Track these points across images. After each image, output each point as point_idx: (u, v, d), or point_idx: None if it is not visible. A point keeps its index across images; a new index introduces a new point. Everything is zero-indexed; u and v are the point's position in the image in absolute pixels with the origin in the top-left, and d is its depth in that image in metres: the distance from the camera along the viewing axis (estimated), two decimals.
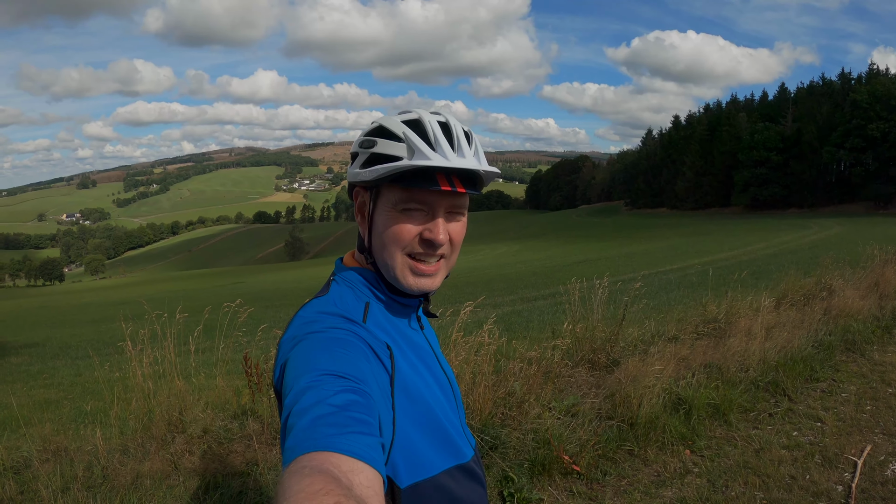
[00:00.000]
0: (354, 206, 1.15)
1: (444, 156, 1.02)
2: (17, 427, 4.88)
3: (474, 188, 1.09)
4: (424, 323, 1.27)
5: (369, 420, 0.81)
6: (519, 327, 8.76)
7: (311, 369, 0.87)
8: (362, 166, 1.08)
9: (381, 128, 1.08)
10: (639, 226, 66.72)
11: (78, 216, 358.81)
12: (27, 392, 7.69)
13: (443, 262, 1.12)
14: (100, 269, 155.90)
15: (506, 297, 14.35)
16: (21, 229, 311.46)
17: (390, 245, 1.07)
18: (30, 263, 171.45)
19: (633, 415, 3.87)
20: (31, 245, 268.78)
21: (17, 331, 20.26)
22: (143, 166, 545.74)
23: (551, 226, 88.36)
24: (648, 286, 12.52)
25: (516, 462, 3.61)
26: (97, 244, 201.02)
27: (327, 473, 0.67)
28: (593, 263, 24.29)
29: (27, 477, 3.94)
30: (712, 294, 7.08)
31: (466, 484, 1.13)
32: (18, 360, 11.77)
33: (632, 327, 5.95)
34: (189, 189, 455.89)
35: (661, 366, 4.32)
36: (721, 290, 7.13)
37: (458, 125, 1.09)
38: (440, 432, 1.09)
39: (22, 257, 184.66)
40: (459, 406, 1.24)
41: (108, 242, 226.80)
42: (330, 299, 1.10)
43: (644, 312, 7.05)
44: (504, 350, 4.88)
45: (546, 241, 62.56)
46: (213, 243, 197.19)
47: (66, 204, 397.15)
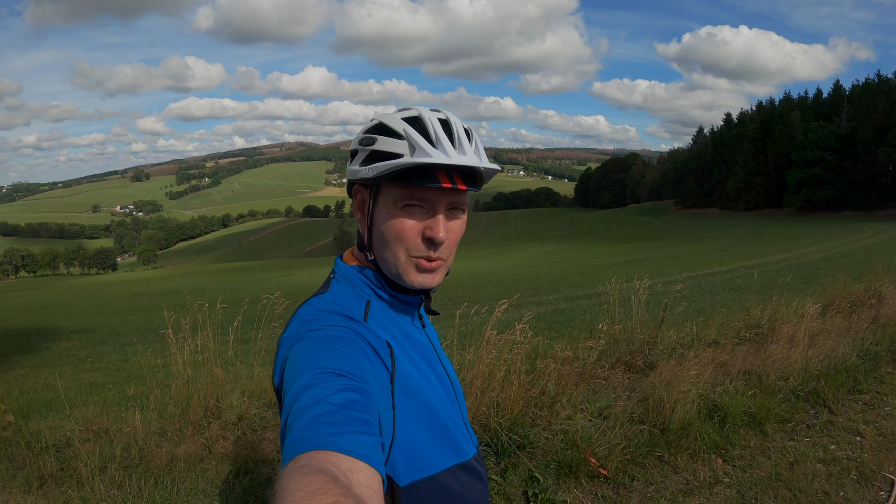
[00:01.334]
0: (354, 204, 1.15)
1: (445, 153, 1.01)
2: (61, 408, 5.09)
3: (474, 185, 1.08)
4: (426, 321, 1.26)
5: (369, 419, 0.81)
6: (560, 326, 8.71)
7: (311, 367, 0.87)
8: (362, 163, 1.07)
9: (381, 125, 1.08)
10: (688, 226, 65.23)
11: (131, 208, 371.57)
12: (74, 375, 8.00)
13: (442, 259, 1.11)
14: (152, 259, 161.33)
15: (550, 296, 14.24)
16: (76, 220, 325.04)
17: (391, 243, 1.07)
18: (84, 253, 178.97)
19: (666, 420, 3.77)
20: (85, 235, 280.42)
21: (69, 317, 21.11)
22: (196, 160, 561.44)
23: (600, 224, 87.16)
24: (694, 288, 12.28)
25: (543, 462, 3.57)
26: (150, 235, 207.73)
27: (326, 472, 0.67)
28: (640, 263, 23.91)
29: (68, 455, 4.10)
30: (757, 298, 6.87)
31: (468, 482, 1.12)
32: (69, 345, 12.25)
33: (671, 330, 5.83)
34: (240, 182, 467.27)
35: (697, 371, 4.20)
36: (767, 293, 6.91)
37: (459, 122, 1.08)
38: (441, 430, 1.09)
39: (76, 247, 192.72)
40: (461, 404, 1.23)
41: (161, 234, 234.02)
42: (330, 297, 1.10)
43: (685, 315, 6.89)
44: (540, 349, 4.83)
45: (594, 239, 61.79)
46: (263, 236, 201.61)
47: (119, 196, 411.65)
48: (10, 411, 4.88)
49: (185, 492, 3.66)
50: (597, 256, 37.33)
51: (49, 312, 25.24)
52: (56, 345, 12.44)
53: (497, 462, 3.61)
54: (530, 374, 4.47)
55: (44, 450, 4.15)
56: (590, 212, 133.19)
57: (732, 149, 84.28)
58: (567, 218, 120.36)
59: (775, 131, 77.58)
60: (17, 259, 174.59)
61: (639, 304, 5.35)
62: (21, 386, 7.19)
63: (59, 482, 3.82)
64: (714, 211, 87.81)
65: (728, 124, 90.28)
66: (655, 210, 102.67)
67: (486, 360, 4.00)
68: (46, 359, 10.45)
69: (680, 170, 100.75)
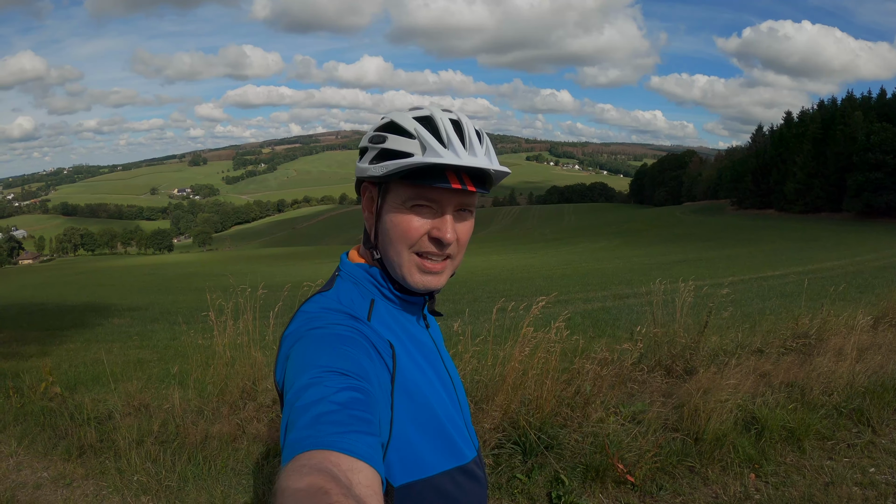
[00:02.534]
0: (361, 202, 1.15)
1: (456, 153, 1.00)
2: (106, 382, 5.28)
3: (484, 187, 1.07)
4: (430, 321, 1.25)
5: (370, 419, 0.80)
6: (604, 324, 8.61)
7: (313, 365, 0.87)
8: (372, 162, 1.07)
9: (392, 124, 1.07)
10: (743, 227, 63.20)
11: (188, 191, 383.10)
12: (123, 351, 8.30)
13: (449, 260, 1.10)
14: (207, 241, 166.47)
15: (598, 293, 14.11)
16: (134, 202, 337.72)
17: (397, 242, 1.06)
18: (141, 233, 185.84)
19: (700, 429, 3.66)
20: (143, 216, 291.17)
21: (124, 295, 21.95)
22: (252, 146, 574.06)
23: (653, 222, 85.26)
24: (745, 292, 11.95)
25: (571, 464, 3.52)
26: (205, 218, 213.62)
27: (327, 472, 0.67)
28: (692, 264, 23.46)
29: (108, 427, 4.28)
30: (807, 306, 6.61)
31: (465, 485, 1.11)
32: (120, 322, 12.73)
33: (715, 335, 5.66)
34: (295, 169, 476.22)
35: (737, 380, 4.06)
36: (818, 302, 6.64)
37: (470, 123, 1.07)
38: (440, 432, 1.08)
39: (134, 227, 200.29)
40: (464, 406, 1.22)
41: (216, 217, 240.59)
42: (334, 295, 1.10)
43: (731, 320, 6.68)
44: (578, 348, 4.77)
45: (647, 237, 60.56)
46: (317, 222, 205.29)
47: (177, 179, 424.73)
48: (57, 383, 5.10)
49: (217, 469, 3.77)
50: (649, 255, 36.70)
51: (104, 290, 26.31)
52: (108, 321, 12.93)
53: (524, 461, 3.58)
54: (566, 373, 4.42)
55: (85, 421, 4.34)
56: (644, 209, 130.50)
57: (792, 149, 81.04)
58: (621, 214, 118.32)
59: (836, 132, 74.06)
60: (77, 238, 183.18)
61: (683, 307, 5.21)
62: (71, 359, 7.50)
63: (98, 453, 3.98)
64: (771, 212, 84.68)
65: (788, 123, 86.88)
66: (711, 209, 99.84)
67: (519, 357, 3.96)
68: (98, 334, 10.86)
69: (737, 169, 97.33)
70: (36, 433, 4.41)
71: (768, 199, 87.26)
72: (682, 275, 6.33)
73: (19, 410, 4.86)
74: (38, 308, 16.92)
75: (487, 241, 79.62)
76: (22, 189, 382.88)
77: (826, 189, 75.60)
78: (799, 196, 79.59)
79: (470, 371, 4.38)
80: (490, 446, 3.68)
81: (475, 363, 4.37)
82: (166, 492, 3.51)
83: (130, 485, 3.58)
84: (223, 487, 3.59)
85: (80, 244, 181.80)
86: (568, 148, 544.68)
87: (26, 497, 3.56)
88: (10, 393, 5.20)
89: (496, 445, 3.70)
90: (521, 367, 3.98)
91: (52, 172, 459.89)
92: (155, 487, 3.54)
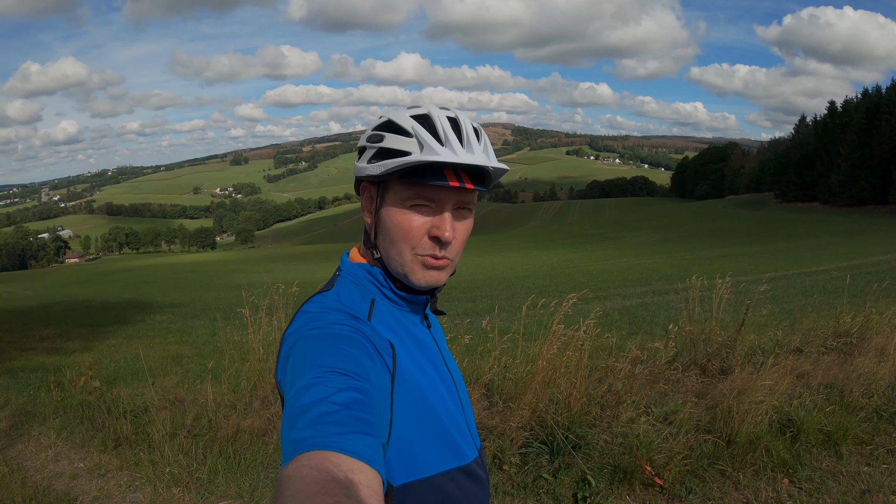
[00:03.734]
0: (361, 202, 1.15)
1: (454, 151, 1.00)
2: (144, 377, 5.43)
3: (483, 185, 1.06)
4: (432, 321, 1.25)
5: (371, 419, 0.80)
6: (643, 321, 8.52)
7: (314, 365, 0.87)
8: (370, 161, 1.07)
9: (389, 122, 1.07)
10: (787, 221, 61.54)
11: (230, 190, 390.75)
12: (163, 347, 8.53)
13: (448, 259, 1.09)
14: (249, 238, 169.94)
15: (638, 288, 13.98)
16: (177, 201, 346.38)
17: (398, 241, 1.06)
18: (184, 231, 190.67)
19: (733, 432, 3.56)
20: (186, 215, 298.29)
21: (166, 291, 22.53)
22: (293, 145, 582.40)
23: (695, 216, 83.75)
24: (787, 288, 11.66)
25: (598, 465, 3.47)
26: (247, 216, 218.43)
27: (327, 473, 0.67)
28: (735, 259, 23.06)
29: (144, 421, 4.41)
30: (850, 303, 6.38)
31: (466, 486, 1.10)
32: (162, 318, 13.07)
33: (752, 334, 5.51)
34: (336, 167, 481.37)
35: (773, 381, 3.94)
36: (861, 299, 6.41)
37: (468, 121, 1.06)
38: (441, 432, 1.07)
39: (177, 226, 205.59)
40: (466, 406, 1.21)
41: (258, 215, 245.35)
42: (335, 295, 1.10)
43: (770, 318, 6.50)
44: (612, 345, 4.71)
45: (688, 231, 59.73)
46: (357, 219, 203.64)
47: (219, 179, 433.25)
48: (97, 377, 5.26)
49: (246, 463, 3.84)
50: (690, 249, 36.18)
51: (148, 287, 27.05)
52: (150, 317, 13.30)
53: (550, 461, 3.55)
54: (597, 371, 4.37)
55: (122, 414, 4.48)
56: (686, 202, 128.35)
57: (836, 140, 78.16)
58: (662, 208, 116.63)
59: (882, 121, 71.12)
60: (122, 237, 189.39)
61: (720, 304, 5.09)
62: (113, 355, 7.74)
63: (133, 445, 4.11)
64: (815, 205, 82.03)
65: (832, 113, 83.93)
66: (754, 203, 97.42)
67: (547, 356, 3.92)
68: (140, 330, 11.19)
69: (780, 161, 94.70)
70: (74, 425, 4.57)
71: (812, 191, 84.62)
72: (724, 270, 6.17)
73: (59, 403, 5.05)
74: (83, 305, 17.50)
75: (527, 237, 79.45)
76: (68, 190, 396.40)
77: (872, 181, 72.85)
78: (844, 188, 76.86)
79: (500, 369, 4.36)
80: (517, 445, 3.66)
81: (506, 360, 4.35)
82: (196, 484, 3.60)
83: (162, 476, 3.69)
84: (251, 481, 3.66)
85: (124, 243, 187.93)
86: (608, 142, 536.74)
87: (62, 486, 3.70)
88: (52, 387, 5.40)
89: (523, 444, 3.67)
90: (549, 365, 3.94)
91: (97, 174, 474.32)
92: (186, 479, 3.63)
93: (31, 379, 6.19)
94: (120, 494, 3.58)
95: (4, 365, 7.32)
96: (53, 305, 18.05)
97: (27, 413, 5.04)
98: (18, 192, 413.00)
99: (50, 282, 40.53)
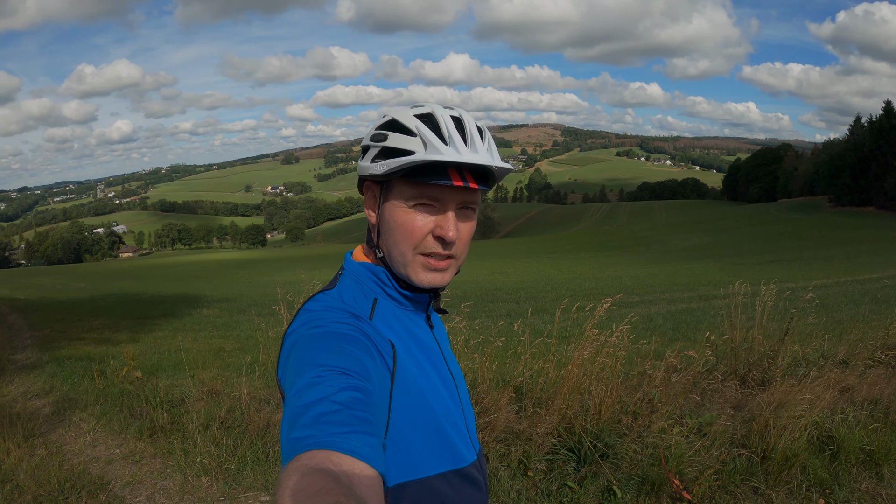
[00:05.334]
0: (365, 201, 1.15)
1: (457, 150, 1.00)
2: (184, 369, 5.59)
3: (486, 184, 1.06)
4: (436, 321, 1.24)
5: (372, 419, 0.80)
6: (686, 327, 8.39)
7: (315, 364, 0.87)
8: (373, 160, 1.07)
9: (393, 121, 1.07)
10: (841, 226, 59.35)
11: (281, 188, 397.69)
12: (206, 340, 8.76)
13: (452, 258, 1.09)
14: (299, 236, 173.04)
15: (684, 293, 13.74)
16: (229, 199, 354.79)
17: (401, 241, 1.06)
18: (235, 228, 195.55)
19: (769, 447, 3.42)
20: (237, 213, 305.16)
21: (216, 286, 23.10)
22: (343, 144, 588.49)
23: (747, 220, 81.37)
24: (837, 296, 11.25)
25: (626, 475, 3.39)
26: (298, 214, 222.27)
27: (328, 472, 0.67)
28: (786, 264, 22.43)
29: (180, 411, 4.54)
30: None
31: (462, 489, 1.09)
32: (209, 313, 13.42)
33: (796, 344, 5.30)
34: None
35: (814, 395, 3.78)
36: None
37: (472, 120, 1.06)
38: (439, 434, 1.07)
39: (229, 223, 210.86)
40: (466, 408, 1.20)
41: (308, 213, 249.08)
42: (337, 294, 1.10)
43: (817, 327, 6.25)
44: (650, 351, 4.60)
45: (740, 235, 58.12)
46: None
47: (270, 177, 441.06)
48: (138, 368, 5.45)
49: (275, 456, 3.91)
50: (741, 254, 35.28)
51: (198, 281, 27.84)
52: (198, 311, 13.68)
53: (577, 469, 3.49)
54: (632, 378, 4.27)
55: (159, 404, 4.62)
56: (737, 205, 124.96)
57: (892, 141, 74.70)
58: (713, 211, 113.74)
59: None
60: (174, 233, 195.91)
61: (765, 311, 4.92)
62: (157, 347, 8.00)
63: (168, 434, 4.24)
64: (871, 210, 78.44)
65: (888, 113, 80.00)
66: (807, 206, 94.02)
67: (578, 361, 3.86)
68: (187, 323, 11.52)
69: (835, 163, 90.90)
70: (113, 413, 4.75)
71: (868, 195, 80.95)
72: (775, 275, 5.97)
73: (101, 392, 5.27)
74: (134, 298, 18.14)
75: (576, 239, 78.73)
76: (122, 187, 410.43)
77: None
78: None
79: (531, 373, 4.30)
80: (544, 451, 3.62)
81: (539, 364, 4.29)
82: (225, 474, 3.69)
83: (193, 465, 3.79)
84: (279, 474, 3.70)
85: (177, 239, 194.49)
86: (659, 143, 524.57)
87: (97, 470, 3.86)
88: (95, 375, 5.62)
89: (550, 450, 3.63)
90: (581, 371, 3.87)
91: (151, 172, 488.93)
92: (215, 469, 3.72)
93: (77, 368, 6.47)
94: (151, 480, 3.70)
95: (53, 354, 7.66)
96: (105, 298, 18.78)
97: (70, 400, 5.27)
98: (74, 189, 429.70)
99: (103, 275, 42.10)
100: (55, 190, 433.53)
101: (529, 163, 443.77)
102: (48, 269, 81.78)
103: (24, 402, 5.45)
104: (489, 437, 3.67)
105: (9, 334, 10.44)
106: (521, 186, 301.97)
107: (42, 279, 40.16)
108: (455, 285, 15.85)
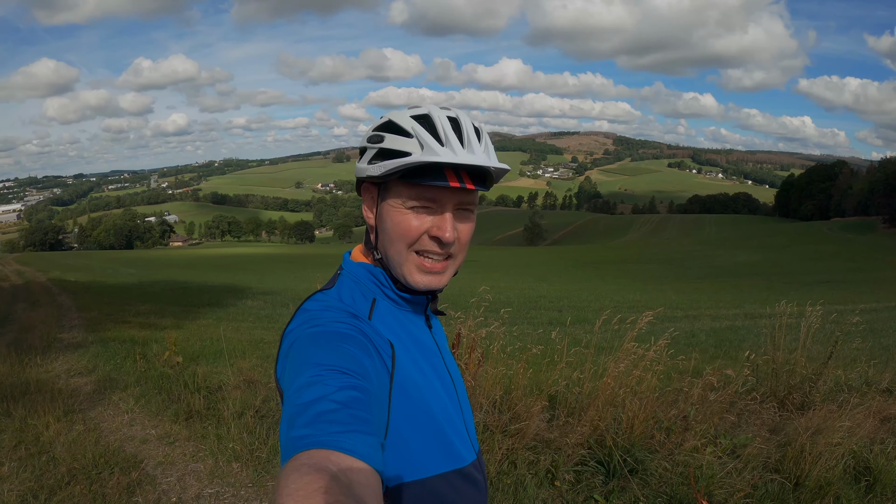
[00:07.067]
0: (363, 202, 1.15)
1: (454, 151, 1.00)
2: (224, 357, 5.74)
3: (483, 185, 1.05)
4: (434, 322, 1.24)
5: (370, 418, 0.81)
6: (729, 345, 8.18)
7: (313, 363, 0.88)
8: (370, 161, 1.07)
9: (389, 123, 1.07)
10: (893, 248, 56.78)
11: (332, 186, 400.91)
12: (248, 331, 8.96)
13: (450, 260, 1.09)
14: (347, 234, 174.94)
15: (729, 310, 13.37)
16: (279, 194, 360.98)
17: (398, 242, 1.06)
18: (284, 223, 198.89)
19: (803, 473, 3.31)
20: (287, 208, 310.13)
21: (262, 278, 23.55)
22: None
23: (798, 237, 78.88)
24: (888, 321, 10.77)
25: (655, 492, 3.33)
26: (347, 212, 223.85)
27: (327, 472, 0.67)
28: (836, 286, 21.56)
29: (216, 398, 4.67)
30: None
31: (462, 489, 1.09)
32: (254, 304, 13.70)
33: (840, 368, 5.12)
34: None
35: (854, 422, 3.65)
36: None
37: (469, 121, 1.06)
38: (438, 434, 1.07)
39: (279, 218, 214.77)
40: (465, 409, 1.20)
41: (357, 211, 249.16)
42: (335, 294, 1.11)
43: (862, 352, 6.02)
44: (689, 368, 4.51)
45: (790, 253, 56.24)
46: None
47: (321, 174, 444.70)
48: (179, 353, 5.62)
49: None
50: (790, 273, 34.11)
51: (245, 273, 28.41)
52: (242, 302, 13.99)
53: (604, 482, 3.45)
54: (668, 393, 4.19)
55: (197, 390, 4.76)
56: (789, 222, 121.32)
57: None
58: (764, 227, 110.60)
59: None
60: (224, 225, 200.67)
61: (809, 333, 4.76)
62: (200, 334, 8.23)
63: (203, 419, 4.37)
64: None
65: None
66: (860, 226, 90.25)
67: (613, 374, 3.81)
68: (231, 313, 11.79)
69: (891, 182, 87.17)
70: (152, 395, 4.92)
71: None
72: (823, 296, 5.76)
73: (142, 374, 5.46)
74: (181, 286, 18.67)
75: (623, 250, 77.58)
76: (175, 178, 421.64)
77: None
78: None
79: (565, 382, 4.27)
80: (573, 462, 3.58)
81: (576, 375, 4.25)
82: (255, 462, 3.77)
83: (225, 451, 3.89)
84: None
85: (227, 231, 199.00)
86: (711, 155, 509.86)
87: (132, 449, 4.01)
88: (137, 358, 5.83)
89: (579, 462, 3.59)
90: (616, 383, 3.82)
91: (204, 164, 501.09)
92: (246, 456, 3.81)
93: (120, 349, 6.72)
94: (183, 462, 3.82)
95: (99, 335, 7.98)
96: (153, 284, 19.39)
97: (111, 380, 5.49)
98: (129, 178, 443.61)
99: (153, 262, 43.32)
100: (110, 178, 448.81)
101: (580, 171, 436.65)
102: (99, 253, 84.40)
103: (66, 378, 5.69)
104: (519, 444, 3.65)
105: (58, 314, 10.90)
106: (571, 194, 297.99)
107: (92, 262, 41.51)
108: (498, 291, 15.81)
